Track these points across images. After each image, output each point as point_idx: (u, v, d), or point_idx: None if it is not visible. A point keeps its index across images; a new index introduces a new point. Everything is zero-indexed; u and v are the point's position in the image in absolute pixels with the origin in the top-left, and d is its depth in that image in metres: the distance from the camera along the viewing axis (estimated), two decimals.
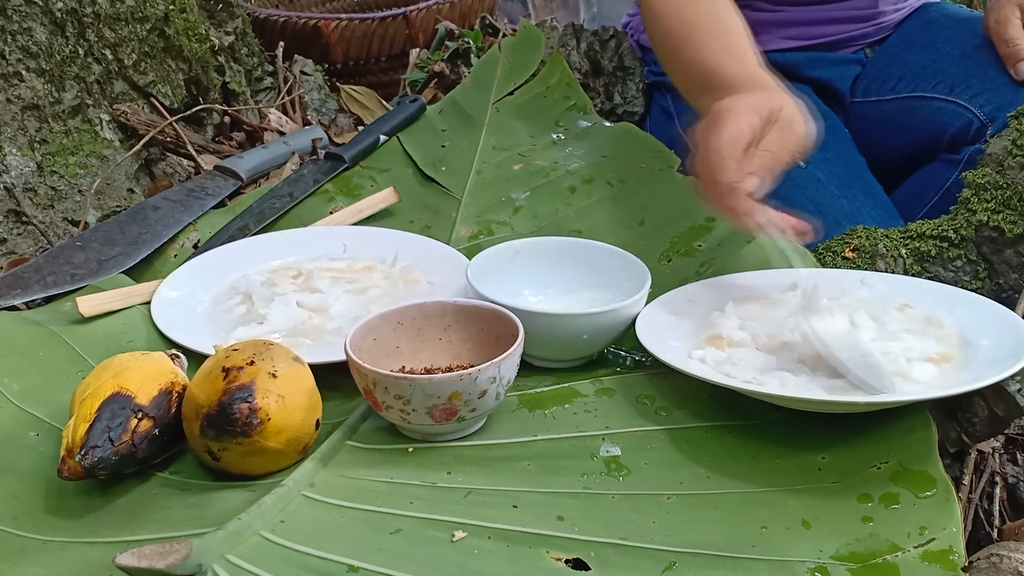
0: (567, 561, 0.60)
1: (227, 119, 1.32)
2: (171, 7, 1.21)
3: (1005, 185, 0.90)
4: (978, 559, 0.66)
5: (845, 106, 1.24)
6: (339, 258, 0.96)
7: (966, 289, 0.84)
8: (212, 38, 1.29)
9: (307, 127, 1.31)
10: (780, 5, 1.21)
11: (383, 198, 1.08)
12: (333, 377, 0.76)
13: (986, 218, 0.91)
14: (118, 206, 1.09)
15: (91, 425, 0.65)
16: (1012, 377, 0.68)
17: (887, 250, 0.92)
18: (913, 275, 0.92)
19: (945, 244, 0.93)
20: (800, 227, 0.79)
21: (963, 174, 0.94)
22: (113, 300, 0.87)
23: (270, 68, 1.43)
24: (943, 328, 0.76)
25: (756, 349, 0.76)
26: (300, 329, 0.84)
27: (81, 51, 1.12)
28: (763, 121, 0.80)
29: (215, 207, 1.09)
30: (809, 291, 0.76)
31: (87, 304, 0.85)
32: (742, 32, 0.93)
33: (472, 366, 0.69)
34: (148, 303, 0.88)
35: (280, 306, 0.86)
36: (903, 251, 0.93)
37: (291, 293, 0.88)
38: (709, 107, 0.83)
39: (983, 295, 0.80)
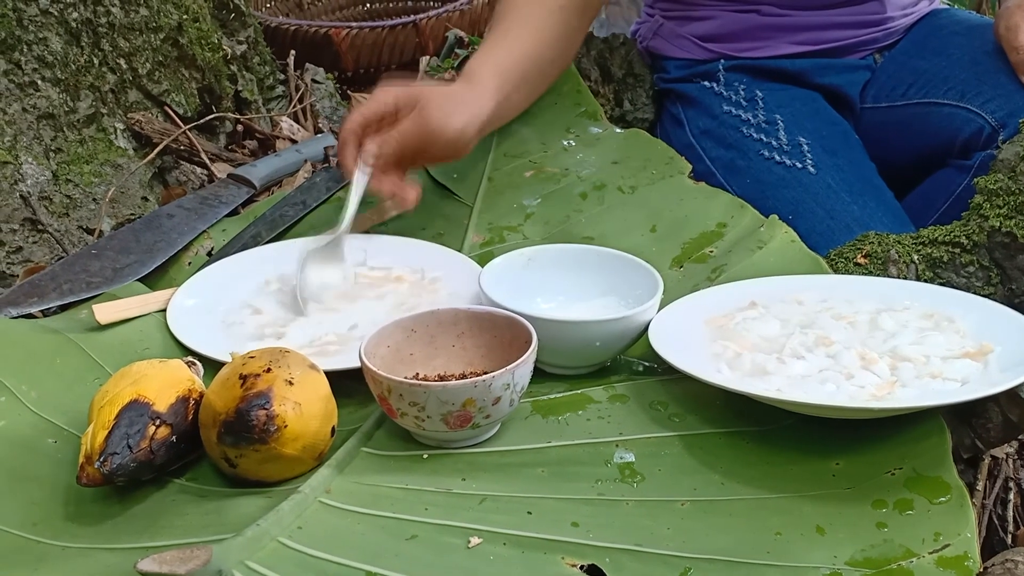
0: (582, 567, 0.60)
1: (240, 127, 1.33)
2: (184, 17, 1.22)
3: (1017, 191, 0.90)
4: (992, 565, 0.66)
5: (855, 112, 1.24)
6: (354, 267, 0.97)
7: (979, 295, 0.84)
8: (225, 47, 1.30)
9: (319, 135, 1.32)
10: (788, 9, 1.21)
11: (395, 206, 1.08)
12: (348, 384, 0.77)
13: (998, 224, 0.91)
14: (132, 214, 1.09)
15: (110, 432, 0.65)
16: None
17: (899, 256, 0.92)
18: (925, 281, 0.92)
19: (957, 250, 0.93)
20: (401, 196, 0.95)
21: (975, 180, 0.94)
22: (129, 308, 0.88)
23: (282, 76, 1.44)
24: (961, 327, 0.76)
25: (767, 353, 0.76)
26: (317, 345, 0.85)
27: (96, 61, 1.13)
28: (394, 108, 0.94)
29: (229, 215, 1.10)
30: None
31: (103, 312, 0.86)
32: (505, 28, 1.05)
33: (486, 373, 0.70)
34: (164, 311, 0.89)
35: (296, 331, 0.86)
36: (915, 257, 0.93)
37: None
38: None
39: (996, 301, 0.81)
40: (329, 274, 0.93)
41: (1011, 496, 0.77)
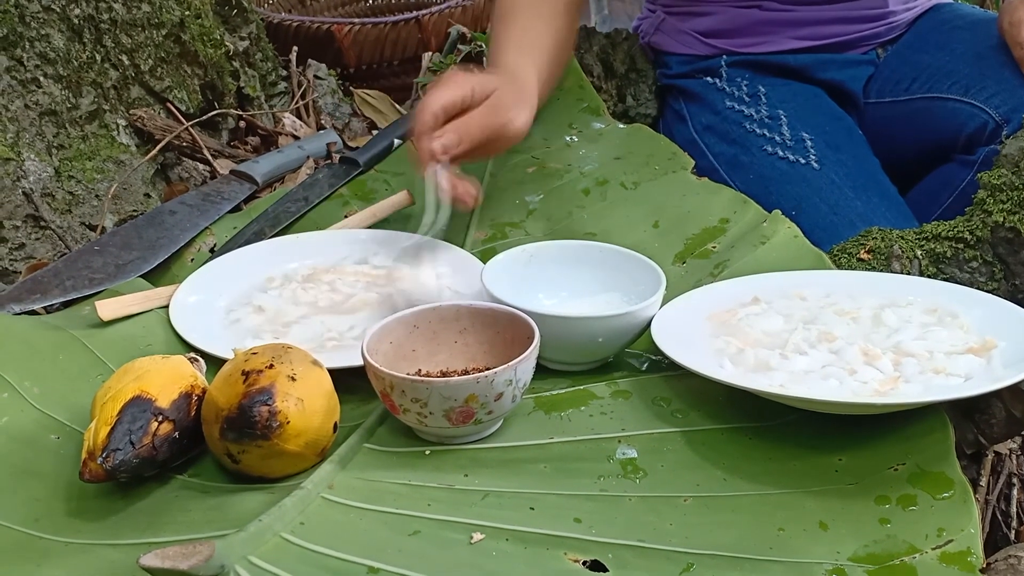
0: (585, 563, 0.60)
1: (242, 124, 1.33)
2: (186, 13, 1.22)
3: (1021, 186, 0.90)
4: (996, 560, 0.66)
5: (859, 108, 1.24)
6: (356, 262, 0.97)
7: (982, 290, 0.84)
8: (227, 43, 1.30)
9: (321, 131, 1.32)
10: (790, 4, 1.21)
11: (397, 202, 1.08)
12: (350, 380, 0.76)
13: (1002, 219, 0.90)
14: (135, 211, 1.09)
15: (112, 428, 0.65)
16: None
17: (902, 251, 0.92)
18: (929, 276, 0.92)
19: (961, 245, 0.92)
20: (463, 194, 0.93)
21: (978, 175, 0.94)
22: (131, 304, 0.88)
23: (284, 73, 1.44)
24: (964, 322, 0.76)
25: (770, 349, 0.76)
26: (319, 341, 0.85)
27: (98, 57, 1.13)
28: (471, 96, 0.93)
29: (231, 211, 1.10)
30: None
31: (106, 308, 0.86)
32: (525, 25, 1.07)
33: (488, 369, 0.70)
34: (166, 307, 0.89)
35: (298, 328, 0.86)
36: (918, 252, 0.93)
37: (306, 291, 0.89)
38: None
39: (999, 296, 0.80)
40: (423, 276, 0.89)
41: (1014, 492, 0.77)
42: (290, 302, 0.90)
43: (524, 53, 1.03)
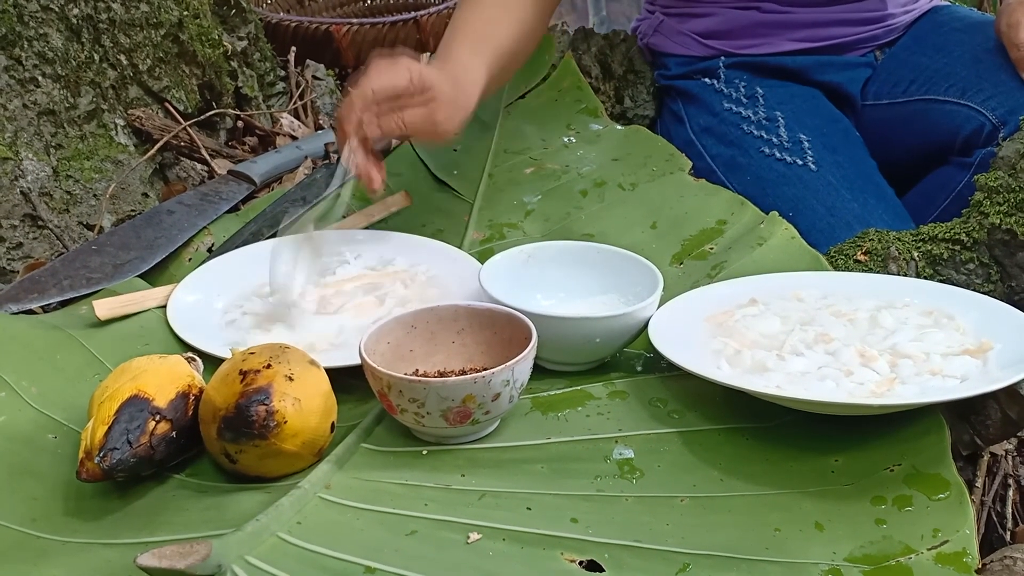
0: (581, 563, 0.60)
1: (240, 124, 1.33)
2: (185, 13, 1.22)
3: (1017, 188, 0.90)
4: (991, 561, 0.66)
5: (856, 109, 1.24)
6: (353, 263, 0.97)
7: (978, 292, 0.84)
8: (225, 43, 1.30)
9: (319, 131, 1.32)
10: (789, 6, 1.21)
11: (395, 202, 1.08)
12: (347, 380, 0.77)
13: (998, 221, 0.91)
14: (133, 210, 1.09)
15: (109, 427, 0.65)
16: None
17: (899, 253, 0.92)
18: (925, 278, 0.92)
19: (957, 247, 0.93)
20: (373, 180, 0.94)
21: (975, 177, 0.95)
22: (129, 304, 0.88)
23: (282, 73, 1.44)
24: (960, 324, 0.76)
25: (767, 350, 0.76)
26: (314, 341, 0.85)
27: (96, 57, 1.13)
28: (407, 87, 0.94)
29: (229, 211, 1.10)
30: None
31: (103, 308, 0.86)
32: (489, 15, 1.06)
33: (485, 369, 0.70)
34: (164, 307, 0.89)
35: (295, 324, 0.86)
36: (915, 254, 0.93)
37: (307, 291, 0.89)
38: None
39: (995, 298, 0.81)
40: (303, 262, 0.92)
41: (1010, 493, 0.77)
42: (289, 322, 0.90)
43: (478, 52, 1.02)
